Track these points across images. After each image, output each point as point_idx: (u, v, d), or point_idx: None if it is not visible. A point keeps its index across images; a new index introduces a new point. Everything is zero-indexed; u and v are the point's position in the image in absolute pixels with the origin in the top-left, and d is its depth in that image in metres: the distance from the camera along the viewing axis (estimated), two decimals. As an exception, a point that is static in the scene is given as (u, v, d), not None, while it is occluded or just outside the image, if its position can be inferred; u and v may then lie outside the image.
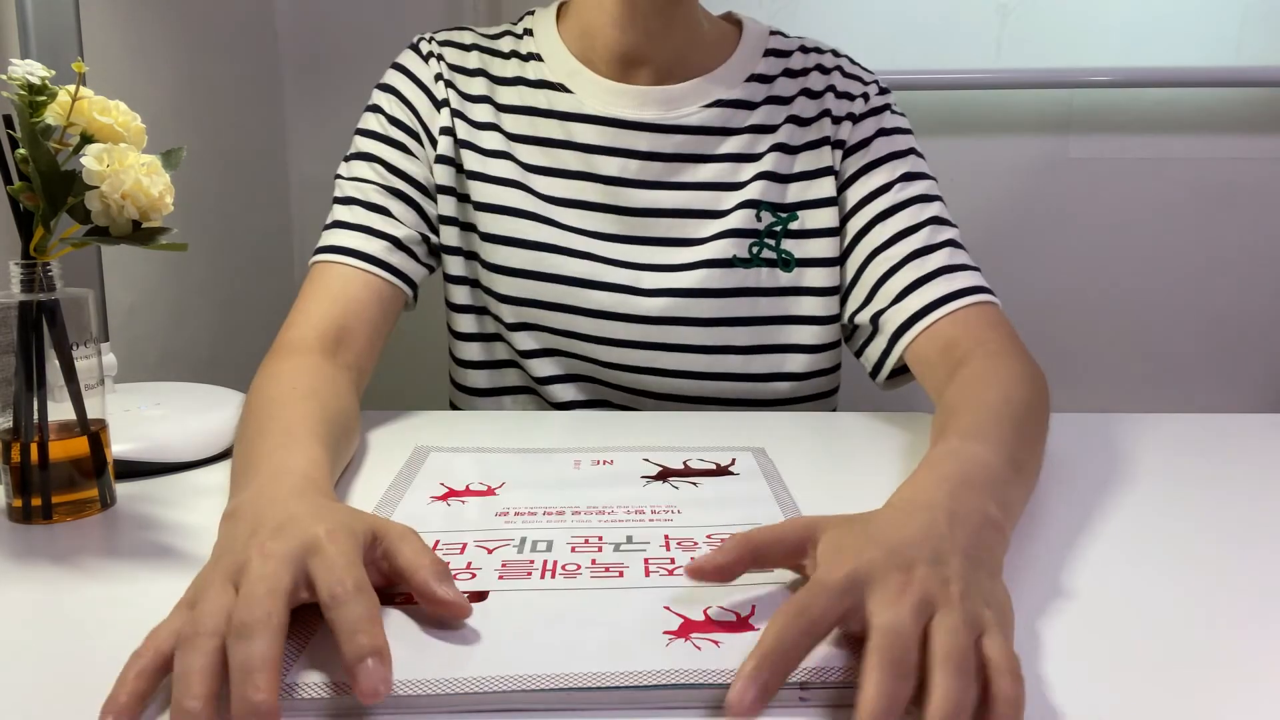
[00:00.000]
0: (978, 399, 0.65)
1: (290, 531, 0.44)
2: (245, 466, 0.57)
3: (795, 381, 0.87)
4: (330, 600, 0.41)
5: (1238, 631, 0.47)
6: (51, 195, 0.55)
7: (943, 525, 0.47)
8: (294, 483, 0.52)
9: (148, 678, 0.39)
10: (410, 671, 0.41)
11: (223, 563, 0.44)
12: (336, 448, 0.63)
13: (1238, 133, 1.38)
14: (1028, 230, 1.42)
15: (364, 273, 0.80)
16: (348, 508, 0.50)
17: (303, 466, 0.55)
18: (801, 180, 0.85)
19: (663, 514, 0.58)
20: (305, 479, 0.53)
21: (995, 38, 1.36)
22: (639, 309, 0.84)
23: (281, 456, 0.56)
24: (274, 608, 0.40)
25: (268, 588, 0.41)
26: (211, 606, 0.41)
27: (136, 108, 0.58)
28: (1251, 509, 0.62)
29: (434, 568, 0.45)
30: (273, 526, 0.45)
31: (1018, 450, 0.59)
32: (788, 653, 0.39)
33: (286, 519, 0.46)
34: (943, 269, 0.79)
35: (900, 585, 0.41)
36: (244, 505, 0.50)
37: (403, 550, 0.46)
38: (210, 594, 0.42)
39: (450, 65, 0.87)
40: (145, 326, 1.05)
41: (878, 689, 0.37)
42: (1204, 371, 1.46)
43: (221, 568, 0.44)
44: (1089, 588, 0.51)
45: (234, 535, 0.47)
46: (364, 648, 0.39)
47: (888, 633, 0.39)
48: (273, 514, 0.47)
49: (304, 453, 0.57)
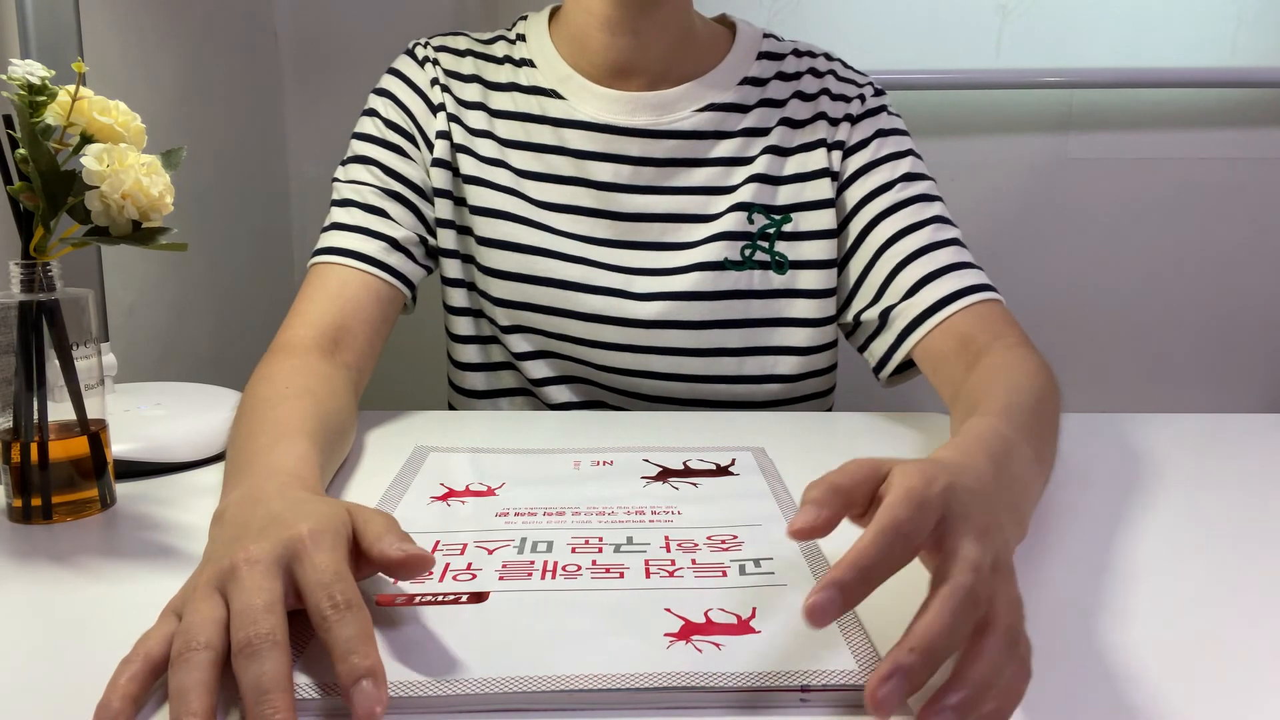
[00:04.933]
0: (1006, 383, 0.64)
1: (272, 534, 0.44)
2: (236, 466, 0.57)
3: (787, 383, 0.87)
4: (321, 620, 0.40)
5: (1238, 631, 0.47)
6: (51, 195, 0.55)
7: (992, 484, 0.45)
8: (281, 481, 0.52)
9: (139, 682, 0.39)
10: (411, 672, 0.41)
11: (208, 570, 0.44)
12: (329, 446, 0.63)
13: (1237, 132, 1.38)
14: (1027, 230, 1.42)
15: (362, 273, 0.80)
16: (328, 500, 0.49)
17: (291, 465, 0.55)
18: (795, 182, 0.85)
19: (663, 514, 0.58)
20: (293, 477, 0.53)
21: (995, 38, 1.36)
22: (631, 313, 0.84)
23: (271, 456, 0.56)
24: (275, 622, 0.40)
25: (264, 600, 0.40)
26: (201, 618, 0.40)
27: (136, 108, 0.58)
28: (1251, 509, 0.63)
29: (392, 534, 0.45)
30: (256, 530, 0.45)
31: (1039, 443, 0.58)
32: (880, 563, 0.37)
33: (269, 521, 0.46)
34: (952, 265, 0.80)
35: (984, 525, 0.40)
36: (231, 507, 0.50)
37: (368, 530, 0.45)
38: (198, 604, 0.41)
39: (446, 70, 0.88)
40: (145, 326, 1.05)
41: (945, 623, 0.36)
42: (1204, 371, 1.46)
43: (207, 575, 0.43)
44: (1089, 586, 0.51)
45: (220, 539, 0.47)
46: (358, 669, 0.38)
47: (976, 569, 0.38)
48: (257, 516, 0.47)
49: (294, 451, 0.57)
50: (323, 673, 0.40)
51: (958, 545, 0.39)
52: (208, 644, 0.39)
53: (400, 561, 0.44)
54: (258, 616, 0.40)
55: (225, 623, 0.40)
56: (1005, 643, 0.37)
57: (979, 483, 0.44)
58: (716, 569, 0.51)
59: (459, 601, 0.47)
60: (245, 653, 0.38)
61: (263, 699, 0.37)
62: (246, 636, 0.39)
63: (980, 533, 0.40)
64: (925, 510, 0.39)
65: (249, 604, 0.40)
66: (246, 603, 0.40)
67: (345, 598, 0.41)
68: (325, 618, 0.40)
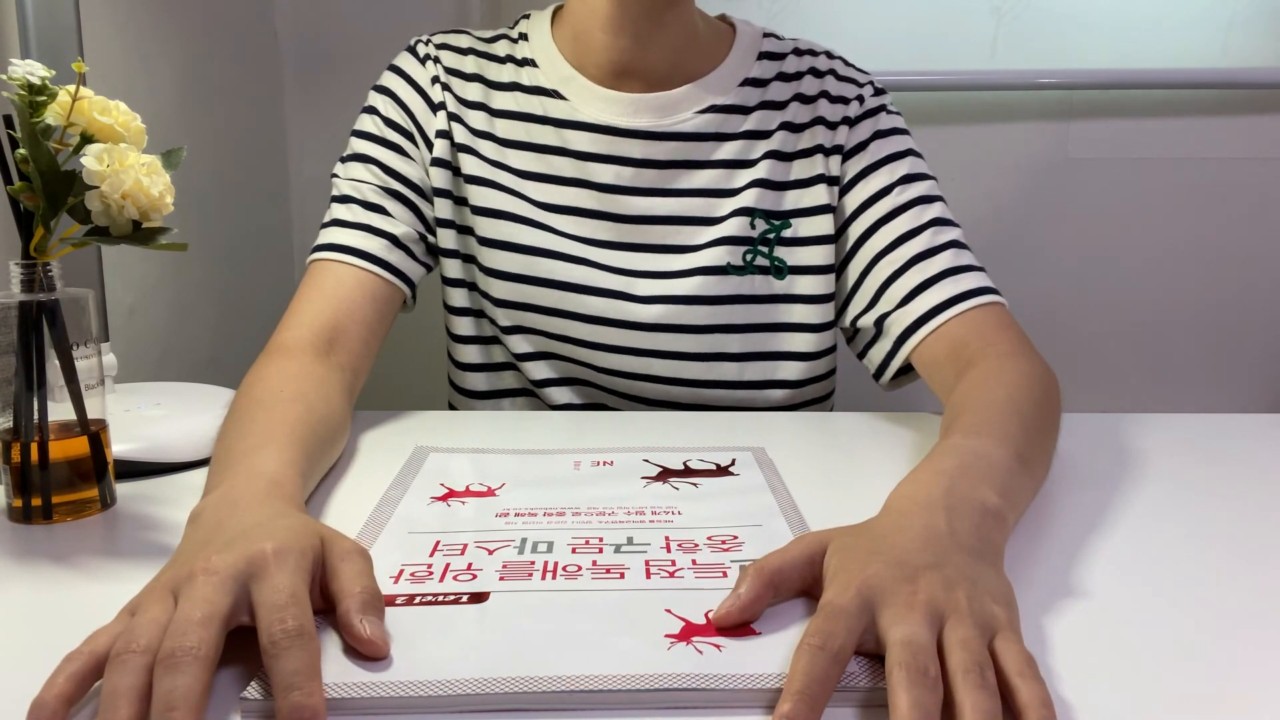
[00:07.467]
0: (984, 397, 0.66)
1: (238, 546, 0.43)
2: (220, 466, 0.57)
3: (790, 389, 0.87)
4: (269, 645, 0.39)
5: (1237, 631, 0.47)
6: (51, 195, 0.55)
7: (941, 523, 0.48)
8: (261, 488, 0.52)
9: (77, 681, 0.39)
10: (411, 672, 0.41)
11: (169, 572, 0.44)
12: (317, 452, 0.63)
13: (1237, 132, 1.38)
14: (1026, 230, 1.42)
15: (361, 271, 0.80)
16: (303, 519, 0.48)
17: (273, 470, 0.54)
18: (796, 188, 0.85)
19: (663, 515, 0.58)
20: (273, 484, 0.53)
21: (990, 39, 1.36)
22: (633, 315, 0.84)
23: (255, 459, 0.56)
24: (205, 637, 0.39)
25: (203, 614, 0.40)
26: (146, 620, 0.40)
27: (136, 108, 0.58)
28: (1250, 509, 0.62)
29: (362, 597, 0.43)
30: (224, 539, 0.45)
31: (1024, 445, 0.59)
32: (819, 686, 0.39)
33: (239, 532, 0.45)
34: (948, 271, 0.79)
35: (908, 598, 0.42)
36: (207, 509, 0.50)
37: (341, 572, 0.45)
38: (149, 606, 0.41)
39: (447, 68, 0.87)
40: (145, 326, 1.05)
41: (911, 701, 0.37)
42: (1203, 371, 1.46)
43: (165, 578, 0.43)
44: (1089, 587, 0.51)
45: (192, 539, 0.47)
46: (299, 709, 0.37)
47: (907, 646, 0.39)
48: (229, 523, 0.47)
49: (278, 456, 0.56)
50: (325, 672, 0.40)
51: (887, 631, 0.41)
52: (146, 648, 0.39)
53: (358, 638, 0.42)
54: (188, 629, 0.39)
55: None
56: (974, 686, 0.38)
57: (921, 536, 0.47)
58: (717, 569, 0.50)
59: (459, 602, 0.47)
60: (165, 664, 0.38)
61: (166, 714, 0.36)
62: (170, 648, 0.38)
63: (907, 606, 0.42)
64: (854, 619, 0.41)
65: (186, 615, 0.40)
66: (184, 613, 0.40)
67: (297, 624, 0.40)
68: (274, 642, 0.39)
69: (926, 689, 0.38)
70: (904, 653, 0.39)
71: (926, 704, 0.37)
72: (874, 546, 0.46)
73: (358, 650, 0.42)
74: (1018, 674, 0.39)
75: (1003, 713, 0.38)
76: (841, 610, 0.41)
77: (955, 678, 0.38)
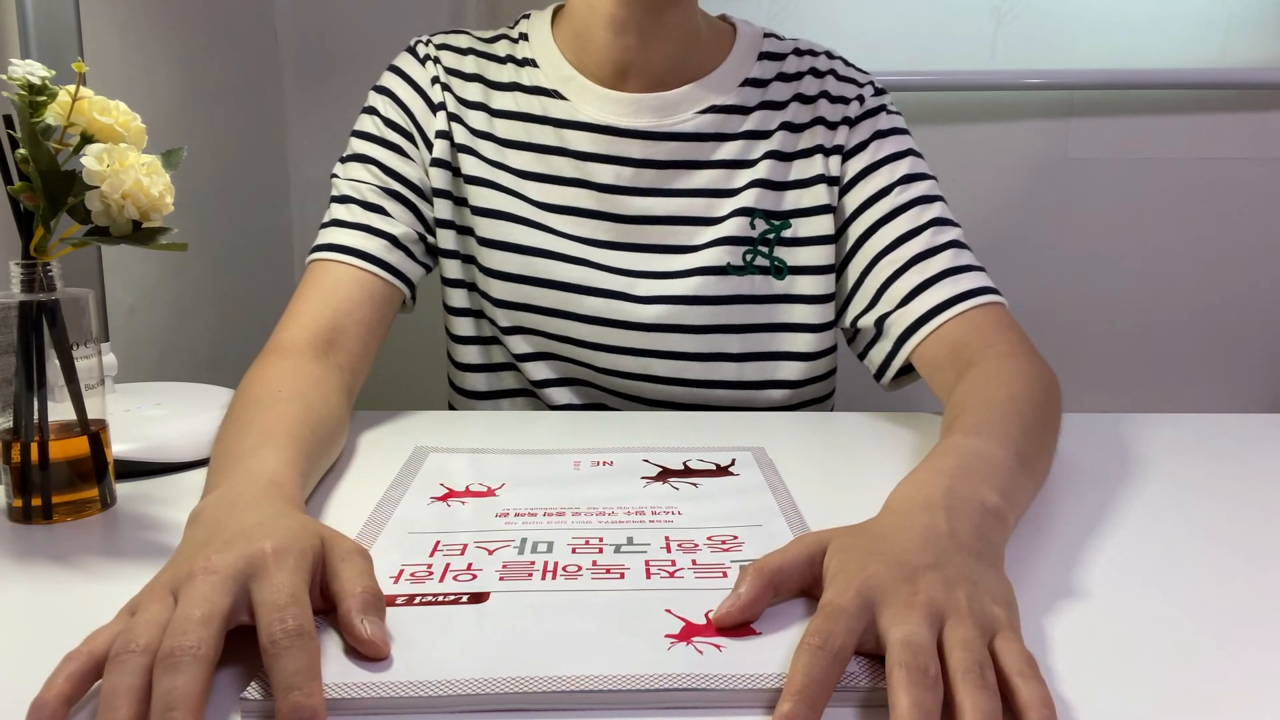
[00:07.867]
0: (984, 397, 0.66)
1: (238, 546, 0.43)
2: (219, 466, 0.57)
3: (790, 389, 0.87)
4: (270, 645, 0.39)
5: (1238, 631, 0.47)
6: (51, 195, 0.55)
7: (941, 523, 0.48)
8: (260, 488, 0.52)
9: (76, 681, 0.39)
10: (411, 672, 0.41)
11: (168, 572, 0.44)
12: (315, 453, 0.63)
13: (1236, 132, 1.38)
14: (1026, 230, 1.42)
15: (360, 271, 0.80)
16: (303, 519, 0.48)
17: (272, 471, 0.54)
18: (796, 188, 0.85)
19: (663, 515, 0.58)
20: (272, 484, 0.53)
21: (990, 39, 1.36)
22: (633, 315, 0.84)
23: (254, 460, 0.56)
24: (204, 636, 0.39)
25: (203, 613, 0.40)
26: (145, 620, 0.40)
27: (136, 108, 0.58)
28: (1250, 509, 0.62)
29: (363, 598, 0.43)
30: (224, 539, 0.45)
31: (1023, 445, 0.59)
32: (819, 686, 0.39)
33: (238, 532, 0.45)
34: (948, 271, 0.79)
35: (908, 598, 0.42)
36: (206, 509, 0.50)
37: (342, 572, 0.45)
38: (149, 605, 0.41)
39: (447, 69, 0.87)
40: (145, 326, 1.05)
41: (911, 701, 0.37)
42: (1203, 371, 1.46)
43: (165, 578, 0.43)
44: (1089, 587, 0.51)
45: (191, 540, 0.47)
46: (299, 709, 0.37)
47: (907, 646, 0.39)
48: (229, 523, 0.47)
49: (277, 456, 0.56)
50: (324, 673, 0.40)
51: (887, 632, 0.41)
52: (146, 647, 0.39)
53: (359, 639, 0.42)
54: (188, 628, 0.39)
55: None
56: (974, 686, 0.38)
57: (920, 536, 0.47)
58: (717, 569, 0.50)
59: (459, 602, 0.47)
60: (164, 663, 0.38)
61: (166, 714, 0.36)
62: (170, 647, 0.38)
63: (906, 607, 0.42)
64: (854, 619, 0.41)
65: (186, 614, 0.40)
66: (184, 613, 0.40)
67: (297, 623, 0.40)
68: (274, 642, 0.39)
69: (926, 689, 0.38)
70: (904, 653, 0.39)
71: (926, 704, 0.37)
72: (874, 546, 0.46)
73: (358, 650, 0.42)
74: (1018, 674, 0.39)
75: (1003, 713, 0.38)
76: (841, 610, 0.41)
77: (955, 678, 0.39)
